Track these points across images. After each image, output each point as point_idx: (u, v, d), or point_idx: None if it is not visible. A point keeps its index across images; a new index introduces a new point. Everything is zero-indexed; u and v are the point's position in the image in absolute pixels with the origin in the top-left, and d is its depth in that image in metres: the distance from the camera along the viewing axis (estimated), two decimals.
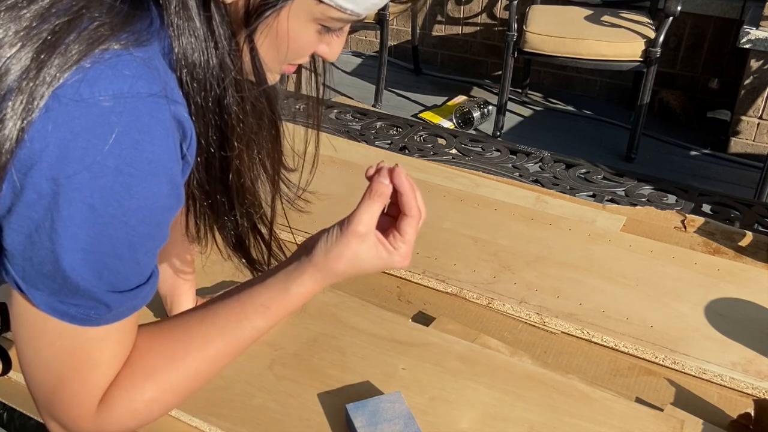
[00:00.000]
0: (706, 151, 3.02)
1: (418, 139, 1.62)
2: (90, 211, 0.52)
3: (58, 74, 0.50)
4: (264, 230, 0.74)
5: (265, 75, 0.62)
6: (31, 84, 0.50)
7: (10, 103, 0.50)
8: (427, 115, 3.25)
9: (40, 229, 0.52)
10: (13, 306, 0.59)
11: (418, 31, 3.71)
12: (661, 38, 2.69)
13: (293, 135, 0.77)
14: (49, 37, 0.51)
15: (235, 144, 0.62)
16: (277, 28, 0.59)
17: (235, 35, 0.59)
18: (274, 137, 0.70)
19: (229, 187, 0.65)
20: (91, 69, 0.51)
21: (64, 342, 0.58)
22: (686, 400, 0.91)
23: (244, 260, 0.74)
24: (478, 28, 3.66)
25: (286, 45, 0.61)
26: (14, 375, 0.90)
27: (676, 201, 1.39)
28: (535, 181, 1.45)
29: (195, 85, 0.58)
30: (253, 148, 0.67)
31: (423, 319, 1.03)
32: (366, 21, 3.17)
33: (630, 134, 2.93)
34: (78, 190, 0.51)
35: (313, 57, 0.72)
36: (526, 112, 3.38)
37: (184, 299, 0.93)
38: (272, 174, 0.72)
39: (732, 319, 1.02)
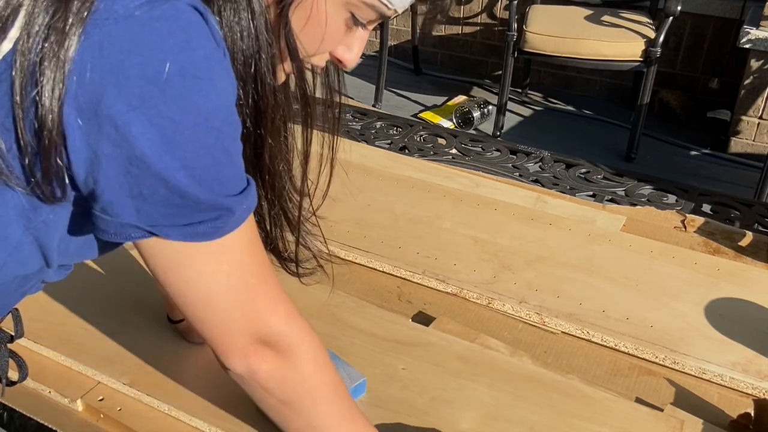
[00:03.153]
0: (706, 151, 3.02)
1: (418, 139, 1.62)
2: (174, 126, 0.51)
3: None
4: (292, 219, 0.74)
5: (298, 52, 0.62)
6: (62, 13, 0.49)
7: (46, 37, 0.49)
8: (427, 115, 3.25)
9: (134, 160, 0.51)
10: (158, 266, 0.59)
11: (418, 30, 3.71)
12: (661, 38, 2.69)
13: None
14: None
15: (269, 120, 0.62)
16: (312, 7, 0.59)
17: (270, 9, 0.59)
18: (305, 119, 0.70)
19: (261, 169, 0.65)
20: None
21: (228, 258, 0.59)
22: (686, 400, 0.91)
23: (270, 253, 0.75)
24: (478, 28, 3.66)
25: (318, 28, 0.60)
26: (14, 375, 0.90)
27: (676, 201, 1.39)
28: (535, 181, 1.45)
29: (232, 54, 0.58)
30: (286, 129, 0.67)
31: (423, 319, 1.03)
32: None
33: (630, 134, 2.93)
34: (154, 107, 0.50)
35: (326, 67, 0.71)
36: (526, 112, 3.38)
37: None
38: (301, 162, 0.72)
39: (732, 319, 1.02)
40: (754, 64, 2.78)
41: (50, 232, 0.59)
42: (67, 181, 0.54)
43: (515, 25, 2.89)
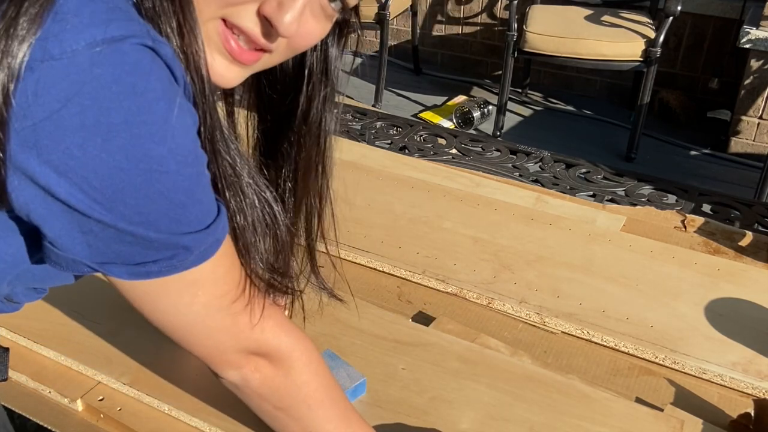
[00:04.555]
0: (706, 151, 3.02)
1: (418, 139, 1.62)
2: (122, 175, 0.47)
3: (26, 36, 0.45)
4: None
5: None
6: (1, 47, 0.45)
7: None
8: (427, 115, 3.25)
9: (75, 209, 0.48)
10: (130, 298, 0.58)
11: (418, 30, 3.71)
12: (661, 38, 2.69)
13: None
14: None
15: (206, 133, 0.56)
16: None
17: None
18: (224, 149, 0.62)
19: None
20: (52, 23, 0.45)
21: (204, 290, 0.58)
22: (686, 400, 0.91)
23: None
24: (478, 28, 3.66)
25: None
26: (14, 375, 0.90)
27: (676, 201, 1.39)
28: (535, 181, 1.45)
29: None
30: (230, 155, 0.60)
31: (423, 319, 1.03)
32: (366, 21, 3.17)
33: (630, 134, 2.93)
34: (96, 158, 0.46)
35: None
36: (526, 112, 3.38)
37: None
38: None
39: (732, 319, 1.02)
40: (754, 64, 2.78)
41: None
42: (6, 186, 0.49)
43: (515, 25, 2.89)
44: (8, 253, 0.57)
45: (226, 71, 0.57)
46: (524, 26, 2.87)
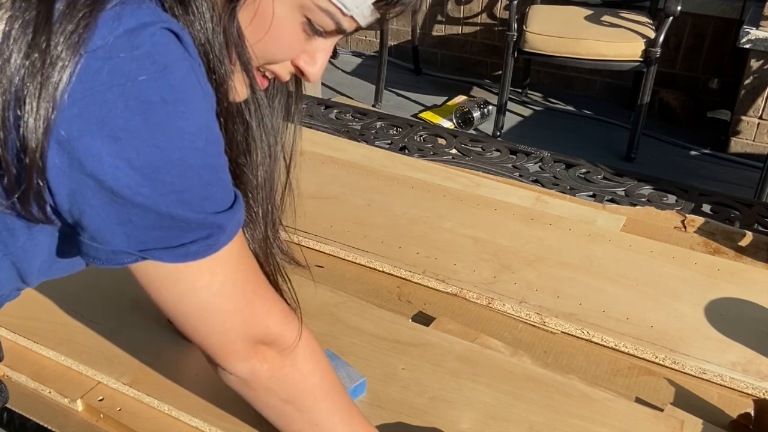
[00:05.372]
0: (706, 151, 3.02)
1: (418, 139, 1.62)
2: (160, 153, 0.51)
3: (66, 61, 0.48)
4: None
5: (246, 55, 0.60)
6: (43, 42, 0.48)
7: (27, 63, 0.47)
8: (427, 115, 3.25)
9: (117, 192, 0.51)
10: (151, 285, 0.59)
11: (418, 31, 3.71)
12: (661, 38, 2.69)
13: None
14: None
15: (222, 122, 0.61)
16: (260, 7, 0.57)
17: (217, 9, 0.57)
18: (247, 146, 0.69)
19: None
20: (93, 23, 0.49)
21: (222, 269, 0.59)
22: (686, 400, 0.91)
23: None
24: (478, 28, 3.66)
25: (263, 29, 0.58)
26: (14, 375, 0.90)
27: (676, 201, 1.39)
28: (535, 181, 1.45)
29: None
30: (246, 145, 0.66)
31: (423, 319, 1.03)
32: None
33: (630, 134, 2.94)
34: (138, 137, 0.50)
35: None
36: (526, 112, 3.38)
37: None
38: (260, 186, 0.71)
39: (732, 319, 1.02)
40: (754, 64, 2.79)
41: (29, 258, 0.59)
42: (48, 203, 0.53)
43: (515, 25, 2.89)
44: (44, 252, 0.60)
45: (243, 93, 0.63)
46: (524, 26, 2.87)
